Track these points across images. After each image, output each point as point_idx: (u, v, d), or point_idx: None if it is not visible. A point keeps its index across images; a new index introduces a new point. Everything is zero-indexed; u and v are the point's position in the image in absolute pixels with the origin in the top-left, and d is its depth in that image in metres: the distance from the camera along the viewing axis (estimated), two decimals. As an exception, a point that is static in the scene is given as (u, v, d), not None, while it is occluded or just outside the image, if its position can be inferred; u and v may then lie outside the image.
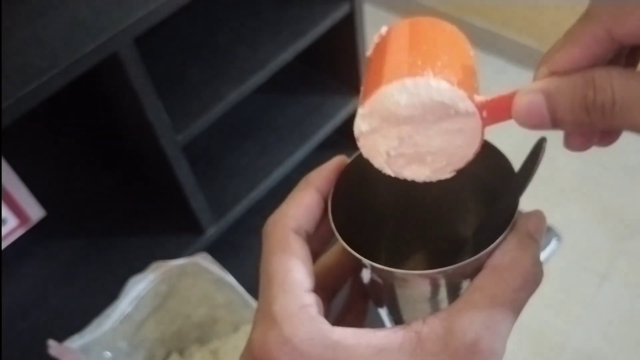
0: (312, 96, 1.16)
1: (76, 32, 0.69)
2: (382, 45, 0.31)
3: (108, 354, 0.83)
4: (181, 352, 0.95)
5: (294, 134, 1.10)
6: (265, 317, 0.28)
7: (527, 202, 0.34)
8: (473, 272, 0.28)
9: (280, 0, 1.01)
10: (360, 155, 0.32)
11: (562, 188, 1.78)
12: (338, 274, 0.35)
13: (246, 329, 0.92)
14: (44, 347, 0.76)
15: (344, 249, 0.30)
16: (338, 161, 0.34)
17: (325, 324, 0.27)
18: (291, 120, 1.12)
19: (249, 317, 0.87)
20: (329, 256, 0.35)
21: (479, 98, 0.28)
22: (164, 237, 1.02)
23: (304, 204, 0.32)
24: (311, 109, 1.14)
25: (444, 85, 0.27)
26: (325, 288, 0.33)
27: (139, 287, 0.84)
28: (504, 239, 0.28)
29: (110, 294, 0.84)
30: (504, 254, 0.28)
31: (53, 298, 0.97)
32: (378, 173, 0.32)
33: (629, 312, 1.59)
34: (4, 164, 0.94)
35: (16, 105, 0.63)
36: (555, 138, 0.32)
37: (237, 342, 0.92)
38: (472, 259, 0.28)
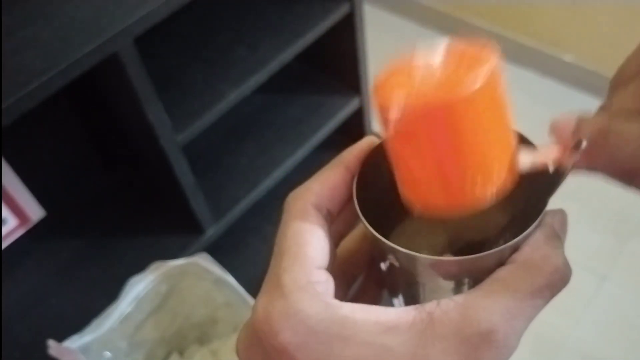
0: (312, 96, 1.16)
1: (76, 32, 0.69)
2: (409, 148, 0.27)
3: (108, 354, 0.83)
4: (181, 352, 0.95)
5: (294, 134, 1.10)
6: (272, 287, 0.27)
7: (527, 202, 0.33)
8: (496, 266, 0.27)
9: (280, 0, 1.01)
10: None
11: (562, 188, 1.78)
12: (359, 259, 0.34)
13: (246, 329, 0.92)
14: (44, 347, 0.76)
15: (367, 233, 0.29)
16: (369, 141, 0.32)
17: (333, 300, 0.26)
18: (291, 120, 1.12)
19: (249, 317, 0.87)
20: (352, 240, 0.33)
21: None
22: (164, 237, 1.02)
23: (329, 182, 0.30)
24: (311, 109, 1.14)
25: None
26: (345, 272, 0.32)
27: (139, 287, 0.84)
28: (530, 234, 0.27)
29: (110, 294, 0.84)
30: (534, 250, 0.27)
31: (53, 298, 0.97)
32: None
33: (629, 312, 1.59)
34: (4, 164, 0.94)
35: (16, 105, 0.63)
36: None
37: (237, 342, 0.92)
38: (497, 249, 0.27)
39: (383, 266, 0.32)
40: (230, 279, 0.86)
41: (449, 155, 0.26)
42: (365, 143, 0.32)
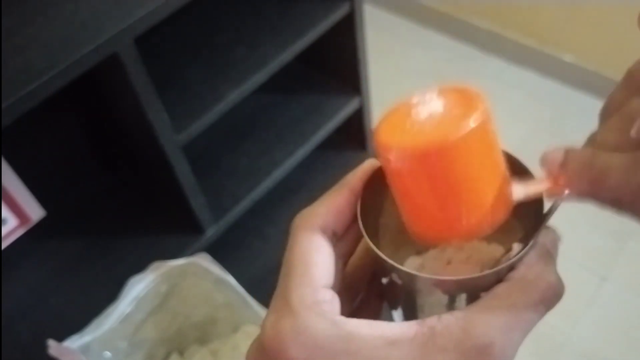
0: (312, 96, 1.16)
1: (76, 32, 0.69)
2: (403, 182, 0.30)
3: (108, 354, 0.83)
4: (181, 352, 0.95)
5: (294, 134, 1.10)
6: (281, 306, 0.28)
7: (527, 202, 0.34)
8: (493, 284, 0.29)
9: (280, 0, 1.01)
10: None
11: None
12: (362, 274, 0.35)
13: (246, 329, 0.92)
14: (44, 347, 0.76)
15: (370, 250, 0.31)
16: (371, 164, 0.34)
17: (338, 317, 0.28)
18: (291, 120, 1.12)
19: (249, 317, 0.87)
20: (355, 256, 0.35)
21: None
22: (164, 237, 1.02)
23: (335, 205, 0.32)
24: (311, 109, 1.14)
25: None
26: (349, 287, 0.34)
27: (139, 287, 0.84)
28: (526, 254, 0.29)
29: (110, 294, 0.84)
30: (529, 268, 0.29)
31: (53, 298, 0.97)
32: None
33: (629, 312, 1.59)
34: (4, 164, 0.94)
35: (16, 105, 0.63)
36: (553, 138, 0.32)
37: (237, 342, 0.92)
38: (495, 269, 0.29)
39: (384, 280, 0.34)
40: (230, 279, 0.86)
41: (445, 192, 0.28)
42: (367, 166, 0.34)
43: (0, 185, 0.95)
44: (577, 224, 1.75)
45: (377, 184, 0.33)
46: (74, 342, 0.78)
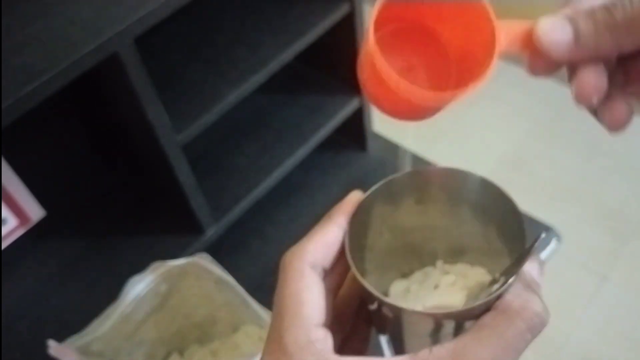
0: (312, 96, 1.16)
1: (76, 32, 0.69)
2: None
3: (108, 354, 0.83)
4: (181, 352, 0.95)
5: (294, 134, 1.10)
6: (275, 348, 0.29)
7: (528, 203, 0.34)
8: (480, 314, 0.30)
9: (280, 0, 1.01)
10: (374, 191, 0.35)
11: (562, 188, 1.78)
12: (352, 302, 0.36)
13: (246, 329, 0.92)
14: (44, 347, 0.76)
15: (357, 281, 0.32)
16: (357, 196, 0.36)
17: (332, 355, 0.29)
18: (291, 120, 1.12)
19: (249, 317, 0.87)
20: (345, 285, 0.36)
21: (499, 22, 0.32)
22: (164, 237, 1.02)
23: (322, 241, 0.33)
24: (311, 109, 1.14)
25: None
26: (341, 317, 0.35)
27: (139, 287, 0.84)
28: (511, 285, 0.30)
29: (110, 294, 0.84)
30: (515, 297, 0.30)
31: (53, 298, 0.97)
32: (390, 208, 0.35)
33: (629, 312, 1.59)
34: (4, 164, 0.94)
35: (16, 105, 0.63)
36: (553, 138, 0.32)
37: (237, 342, 0.92)
38: (481, 302, 0.30)
39: (372, 307, 0.35)
40: (230, 279, 0.86)
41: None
42: (352, 198, 0.35)
43: (0, 185, 0.95)
44: (577, 224, 1.75)
45: (361, 213, 0.35)
46: (74, 342, 0.78)
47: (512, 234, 0.34)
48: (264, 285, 0.91)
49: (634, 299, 1.58)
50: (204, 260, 0.86)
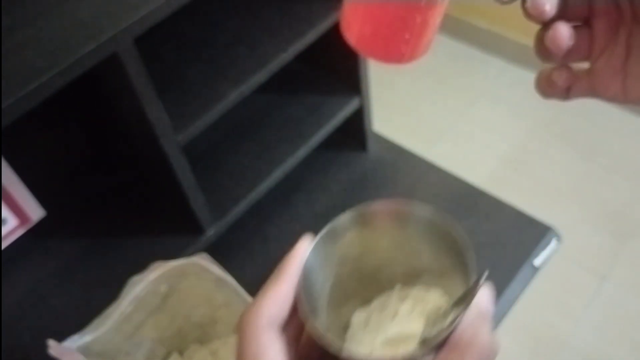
0: (312, 96, 1.16)
1: (76, 32, 0.69)
2: None
3: (108, 354, 0.83)
4: (181, 352, 0.95)
5: (294, 134, 1.10)
6: None
7: (528, 203, 0.34)
8: (436, 348, 0.32)
9: (280, 0, 1.01)
10: (324, 234, 0.37)
11: (563, 188, 1.78)
12: (315, 347, 0.37)
13: (246, 329, 0.92)
14: (44, 347, 0.76)
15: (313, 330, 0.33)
16: (305, 244, 0.36)
17: None
18: (291, 120, 1.12)
19: None
20: (307, 332, 0.37)
21: None
22: (164, 237, 1.02)
23: (275, 296, 0.34)
24: (311, 109, 1.14)
25: None
26: (310, 358, 0.36)
27: (139, 287, 0.84)
28: (461, 319, 0.32)
29: (110, 294, 0.84)
30: (463, 330, 0.32)
31: (53, 298, 0.97)
32: (341, 245, 0.37)
33: (629, 312, 1.59)
34: (4, 164, 0.94)
35: (16, 105, 0.63)
36: (553, 138, 0.32)
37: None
38: (432, 344, 0.32)
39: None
40: (230, 279, 0.86)
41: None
42: (300, 249, 0.36)
43: (0, 185, 0.95)
44: (577, 224, 1.75)
45: (312, 257, 0.36)
46: (74, 342, 0.78)
47: (461, 267, 0.35)
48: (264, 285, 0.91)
49: (634, 299, 1.59)
50: (204, 260, 0.86)
